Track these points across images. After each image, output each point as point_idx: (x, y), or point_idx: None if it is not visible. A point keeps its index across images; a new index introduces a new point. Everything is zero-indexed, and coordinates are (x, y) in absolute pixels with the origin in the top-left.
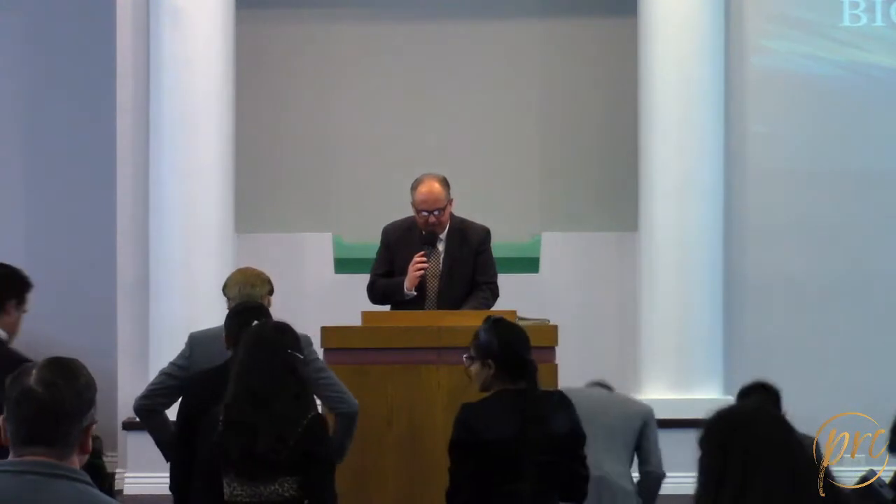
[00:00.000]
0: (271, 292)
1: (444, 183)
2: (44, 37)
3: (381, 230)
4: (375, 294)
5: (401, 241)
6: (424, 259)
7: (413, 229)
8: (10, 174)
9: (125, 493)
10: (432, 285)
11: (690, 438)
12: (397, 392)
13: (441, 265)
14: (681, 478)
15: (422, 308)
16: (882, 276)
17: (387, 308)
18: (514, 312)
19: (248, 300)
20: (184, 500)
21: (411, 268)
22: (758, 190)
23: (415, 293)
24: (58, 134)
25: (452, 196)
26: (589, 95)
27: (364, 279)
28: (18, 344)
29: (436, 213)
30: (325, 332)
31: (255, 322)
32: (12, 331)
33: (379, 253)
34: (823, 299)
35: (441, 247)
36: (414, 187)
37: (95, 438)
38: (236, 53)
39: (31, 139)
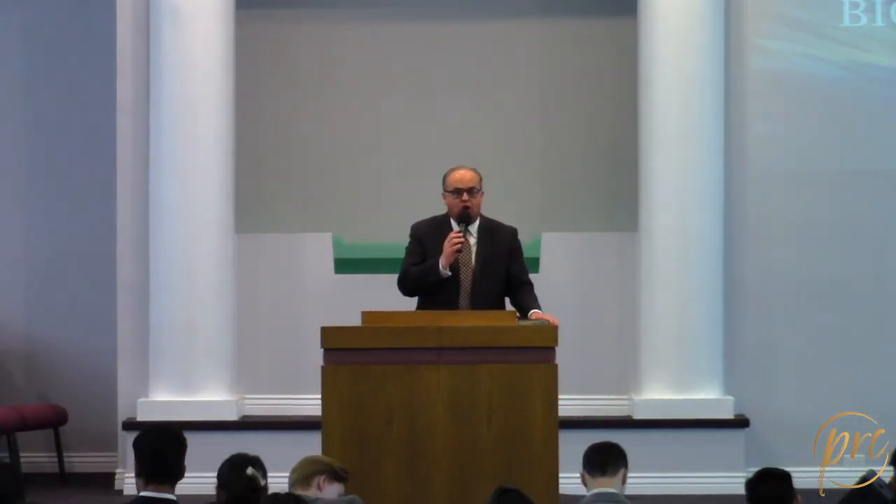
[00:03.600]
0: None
1: (478, 173)
2: (43, 36)
3: (381, 230)
4: (408, 283)
5: (432, 237)
6: (461, 235)
7: (443, 227)
8: (10, 174)
9: (125, 492)
10: (466, 275)
11: (689, 438)
12: (397, 392)
13: (473, 257)
14: (680, 477)
15: (456, 297)
16: (882, 277)
17: (397, 306)
18: (513, 313)
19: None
20: None
21: (447, 244)
22: (758, 190)
23: (449, 273)
24: (57, 134)
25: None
26: (589, 95)
27: (364, 279)
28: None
29: (470, 191)
30: (325, 332)
31: None
32: None
33: (410, 247)
34: (823, 300)
35: (472, 240)
36: (448, 173)
37: None
38: (236, 54)
39: (30, 139)
